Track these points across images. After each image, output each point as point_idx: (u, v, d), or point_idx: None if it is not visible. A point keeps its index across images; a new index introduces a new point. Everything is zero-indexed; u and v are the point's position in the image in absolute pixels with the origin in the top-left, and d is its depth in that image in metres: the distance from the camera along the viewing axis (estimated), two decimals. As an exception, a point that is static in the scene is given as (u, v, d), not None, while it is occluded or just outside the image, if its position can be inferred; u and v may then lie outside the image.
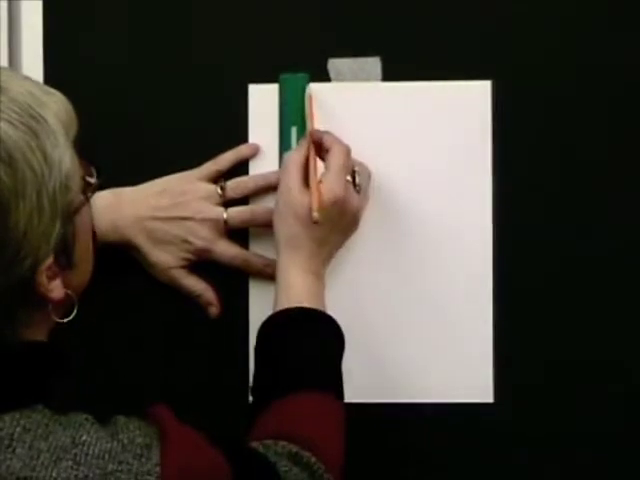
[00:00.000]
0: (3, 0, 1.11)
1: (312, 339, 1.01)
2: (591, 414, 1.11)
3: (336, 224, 1.05)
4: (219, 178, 1.11)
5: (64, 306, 0.87)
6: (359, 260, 1.12)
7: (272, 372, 1.00)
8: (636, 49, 1.11)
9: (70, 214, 0.84)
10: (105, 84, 1.12)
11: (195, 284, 1.11)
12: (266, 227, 1.10)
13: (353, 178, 1.06)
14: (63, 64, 1.11)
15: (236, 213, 1.10)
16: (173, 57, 1.12)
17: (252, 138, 1.12)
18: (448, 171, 1.11)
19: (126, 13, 1.12)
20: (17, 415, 0.82)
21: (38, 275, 0.83)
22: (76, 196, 0.85)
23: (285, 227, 1.04)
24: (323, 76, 1.11)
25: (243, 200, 1.11)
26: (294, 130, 1.11)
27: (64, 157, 0.83)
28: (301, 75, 1.11)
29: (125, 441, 0.82)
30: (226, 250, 1.10)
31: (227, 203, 1.10)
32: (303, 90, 1.11)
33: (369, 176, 1.10)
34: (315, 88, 1.11)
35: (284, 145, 1.11)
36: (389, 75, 1.11)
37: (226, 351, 1.12)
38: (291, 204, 1.03)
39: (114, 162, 1.08)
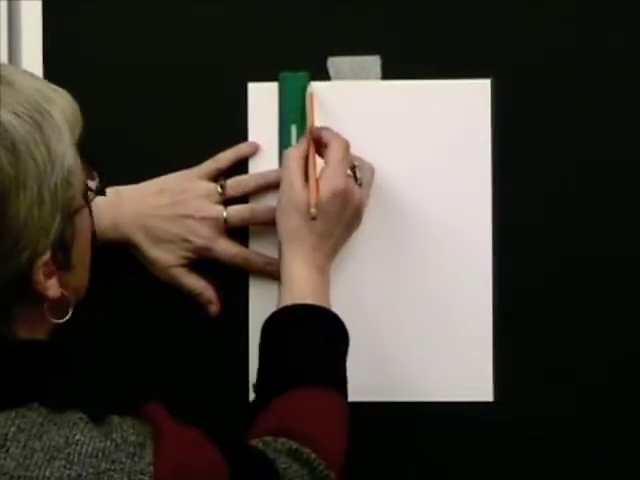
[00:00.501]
0: (3, 0, 1.12)
1: (315, 336, 1.01)
2: (591, 413, 1.11)
3: (338, 217, 1.05)
4: (219, 176, 1.11)
5: (60, 306, 0.87)
6: (358, 259, 1.11)
7: (275, 369, 1.00)
8: (636, 49, 1.10)
9: (70, 211, 0.85)
10: (105, 84, 1.12)
11: (195, 282, 1.11)
12: (266, 225, 1.10)
13: (354, 172, 1.06)
14: (63, 64, 1.12)
15: (236, 211, 1.10)
16: (173, 56, 1.12)
17: (252, 136, 1.12)
18: (448, 170, 1.11)
19: (126, 13, 1.12)
20: (12, 414, 0.82)
21: (35, 270, 0.83)
22: (77, 194, 0.86)
23: (287, 222, 1.04)
24: (323, 74, 1.11)
25: (243, 198, 1.11)
26: (294, 128, 1.12)
27: (67, 153, 0.83)
28: (301, 74, 1.11)
29: (118, 440, 0.82)
30: (226, 248, 1.10)
31: (227, 201, 1.10)
32: (303, 89, 1.11)
33: (372, 171, 1.10)
34: (315, 86, 1.11)
35: (284, 143, 1.11)
36: (389, 73, 1.11)
37: (226, 349, 1.12)
38: (293, 200, 1.04)
39: (114, 162, 1.08)
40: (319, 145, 1.07)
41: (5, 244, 0.81)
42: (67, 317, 0.87)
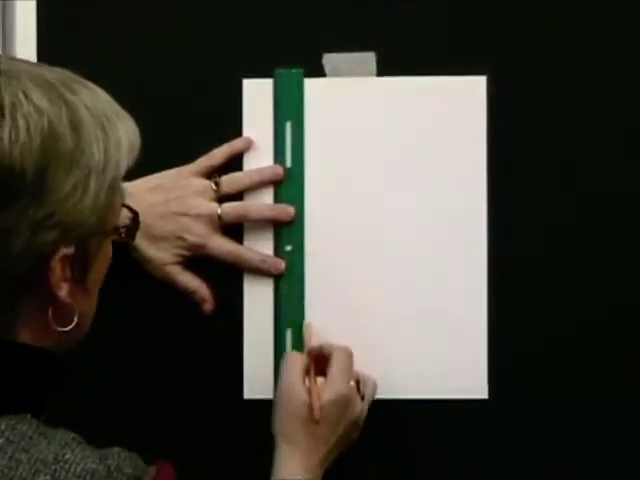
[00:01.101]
0: (-2, 1, 1.12)
1: None
2: (588, 413, 1.11)
3: (337, 424, 1.04)
4: (213, 173, 1.10)
5: (65, 312, 0.84)
6: (356, 255, 1.11)
7: None
8: (636, 49, 1.09)
9: (104, 224, 0.84)
10: (103, 82, 1.12)
11: (190, 280, 1.11)
12: (260, 222, 1.10)
13: (357, 384, 1.07)
14: (59, 64, 1.10)
15: (230, 208, 1.10)
16: (168, 53, 1.11)
17: (246, 133, 1.11)
18: (443, 167, 1.11)
19: (125, 12, 1.12)
20: (2, 426, 0.81)
21: (54, 261, 0.81)
22: (117, 208, 0.86)
23: (285, 424, 1.03)
24: (318, 71, 1.11)
25: (237, 195, 1.11)
26: (289, 125, 1.11)
27: (121, 164, 0.84)
28: (296, 70, 1.11)
29: (112, 467, 0.80)
30: (220, 246, 1.10)
31: (221, 198, 1.10)
32: (298, 85, 1.10)
33: (374, 387, 1.09)
34: (310, 83, 1.11)
35: (278, 140, 1.11)
36: (384, 70, 1.10)
37: (220, 347, 1.12)
38: (293, 402, 1.03)
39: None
40: (320, 362, 1.06)
41: (40, 210, 0.79)
42: (71, 326, 0.85)
